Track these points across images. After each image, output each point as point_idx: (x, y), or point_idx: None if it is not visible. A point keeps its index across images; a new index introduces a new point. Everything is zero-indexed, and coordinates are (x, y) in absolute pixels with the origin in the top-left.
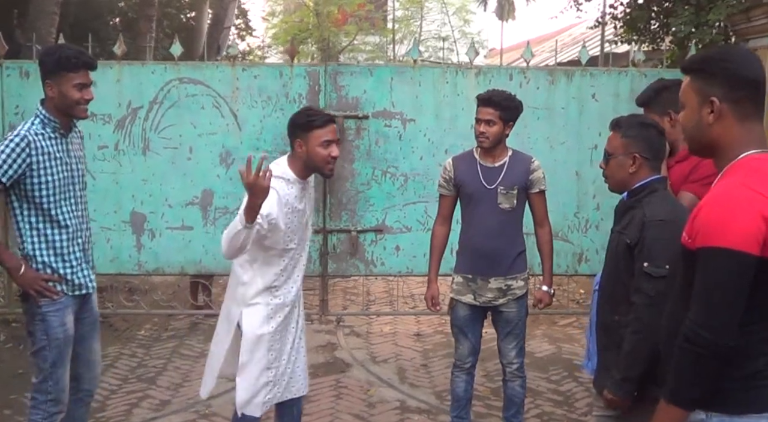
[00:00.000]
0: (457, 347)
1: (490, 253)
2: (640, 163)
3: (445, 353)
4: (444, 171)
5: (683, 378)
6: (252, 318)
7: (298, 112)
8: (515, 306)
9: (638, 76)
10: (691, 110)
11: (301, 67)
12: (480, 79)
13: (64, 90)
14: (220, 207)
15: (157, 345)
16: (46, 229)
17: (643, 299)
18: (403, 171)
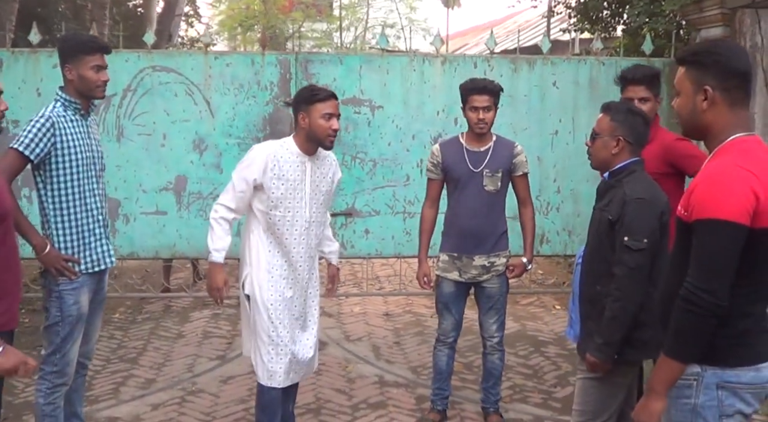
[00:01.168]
0: (441, 322)
1: (475, 233)
2: (623, 146)
3: (415, 331)
4: (432, 156)
5: (684, 335)
6: (254, 281)
7: (303, 88)
8: (497, 282)
9: (597, 65)
10: (686, 97)
11: (273, 55)
12: (446, 67)
13: (82, 72)
14: (194, 192)
15: (133, 328)
16: (69, 207)
17: (623, 270)
18: (372, 156)
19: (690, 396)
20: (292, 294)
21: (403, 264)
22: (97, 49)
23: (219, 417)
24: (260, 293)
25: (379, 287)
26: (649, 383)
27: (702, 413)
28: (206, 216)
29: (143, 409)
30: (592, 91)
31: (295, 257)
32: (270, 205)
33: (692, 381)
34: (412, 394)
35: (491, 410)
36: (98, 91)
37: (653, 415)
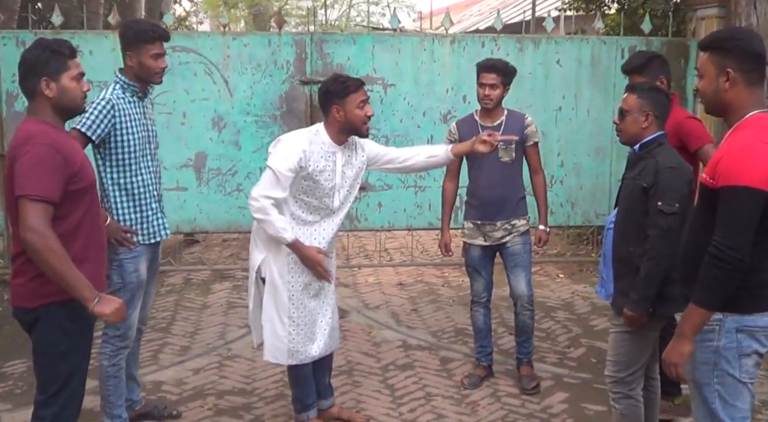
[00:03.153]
0: (473, 284)
1: (495, 201)
2: (652, 120)
3: (429, 299)
4: (449, 134)
5: (712, 286)
6: (272, 265)
7: (331, 80)
8: (520, 241)
9: (598, 44)
10: (709, 79)
11: (289, 35)
12: (455, 47)
13: (143, 60)
14: (213, 168)
15: (158, 299)
16: (127, 183)
17: (657, 232)
18: (384, 133)
19: (713, 340)
20: (311, 277)
21: (410, 237)
22: (158, 37)
23: (259, 379)
24: (280, 278)
25: (389, 259)
26: (678, 328)
27: (723, 353)
28: (225, 192)
29: (185, 374)
30: (594, 69)
31: (316, 241)
32: (301, 192)
33: (715, 326)
34: (436, 356)
35: (524, 360)
36: (156, 77)
37: (683, 355)
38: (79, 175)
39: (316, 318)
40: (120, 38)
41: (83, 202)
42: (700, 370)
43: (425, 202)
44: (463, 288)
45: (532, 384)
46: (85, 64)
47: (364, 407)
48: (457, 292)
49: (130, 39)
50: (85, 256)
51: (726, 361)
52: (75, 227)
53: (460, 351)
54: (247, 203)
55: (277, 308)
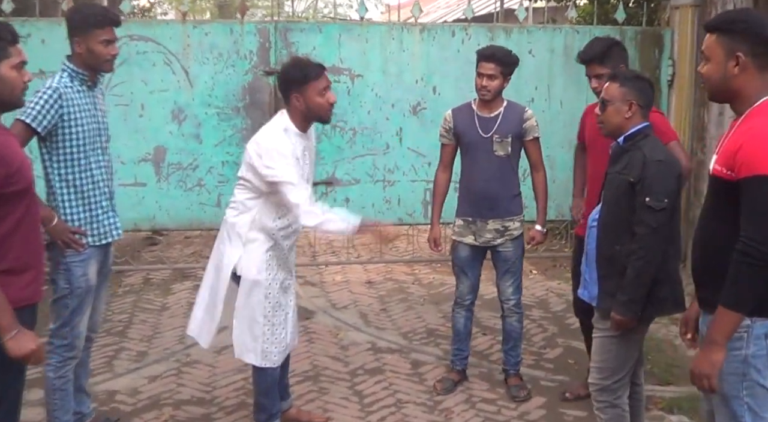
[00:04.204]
0: (458, 285)
1: (487, 197)
2: (635, 110)
3: (399, 298)
4: (444, 122)
5: (743, 286)
6: (250, 262)
7: (290, 66)
8: (512, 246)
9: (571, 33)
10: (716, 63)
11: (252, 24)
12: (424, 36)
13: (91, 46)
14: (173, 163)
15: (115, 301)
16: (76, 179)
17: (645, 229)
18: (351, 125)
19: (741, 348)
20: (288, 269)
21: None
22: (108, 22)
23: (219, 387)
24: (258, 275)
25: (357, 255)
26: (708, 336)
27: (752, 362)
28: (186, 187)
29: (140, 382)
30: (567, 59)
31: (293, 235)
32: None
33: (743, 333)
34: (407, 359)
35: (511, 372)
36: (107, 64)
37: (715, 365)
38: (16, 176)
39: (288, 317)
40: (67, 23)
41: (20, 206)
42: (728, 381)
43: (394, 197)
44: (434, 286)
45: (523, 392)
46: (37, 54)
47: (331, 416)
48: (427, 290)
49: (78, 24)
50: (24, 264)
51: (756, 371)
52: (11, 233)
53: (432, 353)
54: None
55: (252, 307)
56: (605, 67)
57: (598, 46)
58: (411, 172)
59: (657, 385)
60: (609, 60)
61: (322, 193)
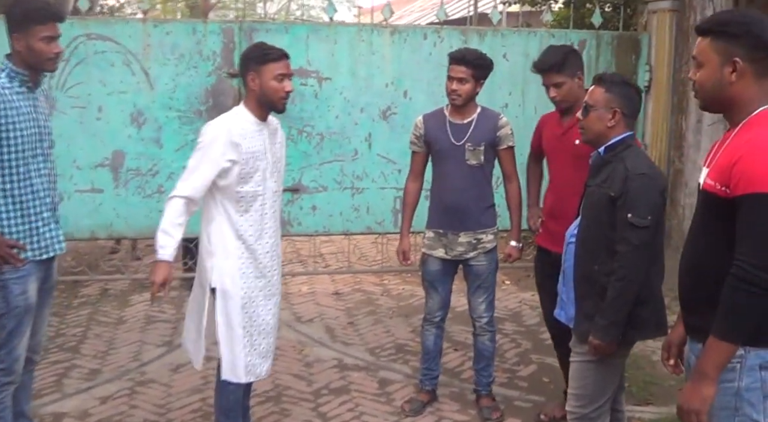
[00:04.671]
0: (428, 301)
1: (459, 208)
2: (619, 119)
3: (367, 310)
4: (415, 128)
5: (739, 316)
6: (223, 271)
7: (252, 46)
8: (485, 260)
9: (547, 37)
10: (711, 70)
11: (216, 23)
12: (395, 39)
13: (32, 43)
14: (132, 168)
15: (70, 313)
16: (14, 189)
17: (627, 248)
18: (319, 130)
19: (733, 380)
20: (265, 276)
21: (347, 241)
22: (50, 17)
23: (174, 409)
24: (232, 285)
25: (325, 265)
26: (698, 368)
27: (745, 395)
28: (145, 194)
29: (91, 403)
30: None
31: (265, 236)
32: (239, 181)
33: (735, 364)
34: (374, 378)
35: (483, 392)
36: (49, 63)
37: (706, 401)
38: None
39: (269, 329)
40: (5, 18)
41: None
42: (719, 417)
43: (363, 205)
44: (403, 297)
45: (496, 415)
46: None
47: None
48: (396, 302)
49: (17, 19)
50: None
51: (749, 405)
52: None
53: (400, 371)
54: None
55: (230, 319)
56: (563, 75)
57: (555, 54)
58: (380, 179)
59: (636, 405)
60: (567, 68)
61: (288, 201)
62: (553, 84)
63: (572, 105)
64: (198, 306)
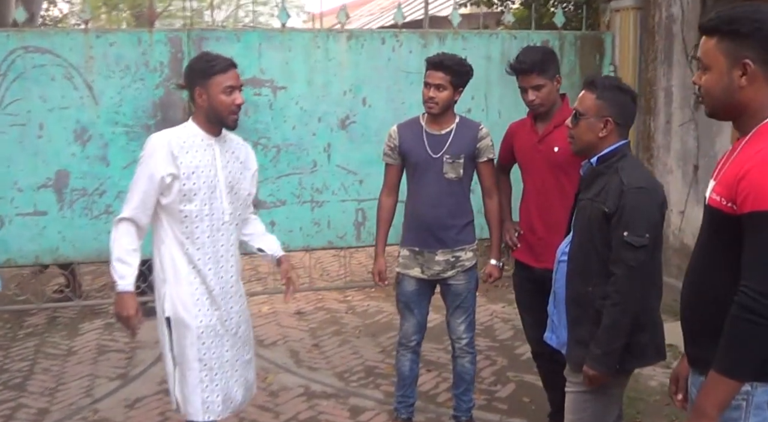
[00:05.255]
0: (403, 324)
1: (436, 224)
2: (612, 128)
3: (332, 330)
4: (389, 139)
5: (744, 349)
6: (175, 298)
7: (196, 58)
8: (464, 278)
9: (508, 38)
10: (718, 73)
11: (162, 32)
12: (352, 44)
13: None
14: (77, 188)
15: (15, 346)
16: None
17: (623, 270)
18: (275, 142)
19: (738, 419)
20: (220, 307)
21: (308, 256)
22: None
23: None
24: (186, 313)
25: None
26: (697, 405)
27: None
28: (92, 215)
29: None
30: (504, 66)
31: (218, 267)
32: (182, 199)
33: (741, 401)
34: (344, 405)
35: (463, 419)
36: None
37: None
38: None
39: (234, 361)
40: None
41: None
42: None
43: (323, 219)
44: (369, 314)
45: None
46: None
47: None
48: (362, 320)
49: None
50: None
51: None
52: None
53: (372, 397)
54: None
55: (185, 351)
56: (543, 77)
57: (535, 54)
58: (341, 192)
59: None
60: (547, 69)
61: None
62: (532, 86)
63: (549, 109)
64: (162, 337)
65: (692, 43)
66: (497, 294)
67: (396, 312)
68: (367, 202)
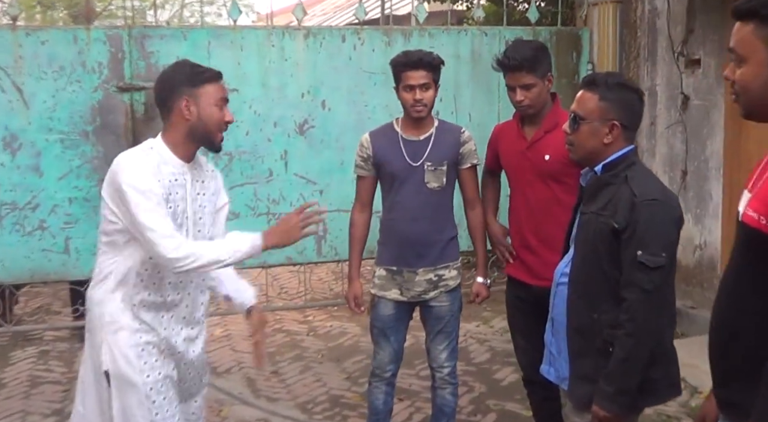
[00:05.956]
0: (377, 352)
1: (417, 240)
2: (618, 133)
3: (292, 355)
4: (360, 148)
5: None
6: (116, 351)
7: (176, 64)
8: (447, 300)
9: (479, 36)
10: (757, 65)
11: (100, 30)
12: (310, 42)
13: None
14: (7, 202)
15: None
16: None
17: (637, 294)
18: (226, 149)
19: None
20: (173, 362)
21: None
22: None
23: None
24: (128, 365)
25: None
26: None
27: None
28: (24, 231)
29: None
30: (475, 66)
31: (178, 305)
32: None
33: None
34: None
35: None
36: None
37: None
38: None
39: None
40: None
41: None
42: None
43: None
44: (332, 336)
45: None
46: None
47: None
48: (325, 343)
49: None
50: None
51: None
52: None
53: None
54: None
55: (130, 412)
56: (534, 75)
57: (525, 49)
58: (300, 202)
59: None
60: (539, 67)
61: None
62: (520, 85)
63: (539, 112)
64: (93, 391)
65: (679, 38)
66: (471, 312)
67: (363, 334)
68: (328, 214)
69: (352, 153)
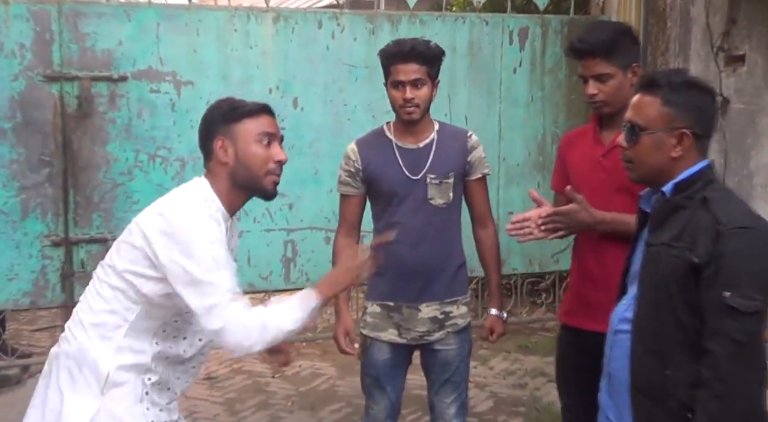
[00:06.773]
0: (370, 406)
1: (420, 270)
2: (689, 144)
3: (255, 403)
4: (346, 161)
5: None
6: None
7: (218, 102)
8: (455, 342)
9: (479, 24)
10: None
11: (22, 5)
12: (280, 27)
13: None
14: None
15: None
16: None
17: (726, 346)
18: (179, 153)
19: None
20: None
21: None
22: None
23: None
24: None
25: None
26: None
27: None
28: None
29: None
30: (473, 59)
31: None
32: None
33: None
34: None
35: None
36: None
37: None
38: None
39: None
40: None
41: None
42: None
43: (243, 254)
44: (302, 379)
45: None
46: None
47: None
48: (295, 387)
49: None
50: None
51: None
52: None
53: None
54: None
55: None
56: (611, 64)
57: (604, 31)
58: (265, 219)
59: None
60: (618, 54)
61: None
62: (594, 76)
63: (619, 110)
64: None
65: (718, 30)
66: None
67: (339, 375)
68: (299, 233)
69: (328, 161)
